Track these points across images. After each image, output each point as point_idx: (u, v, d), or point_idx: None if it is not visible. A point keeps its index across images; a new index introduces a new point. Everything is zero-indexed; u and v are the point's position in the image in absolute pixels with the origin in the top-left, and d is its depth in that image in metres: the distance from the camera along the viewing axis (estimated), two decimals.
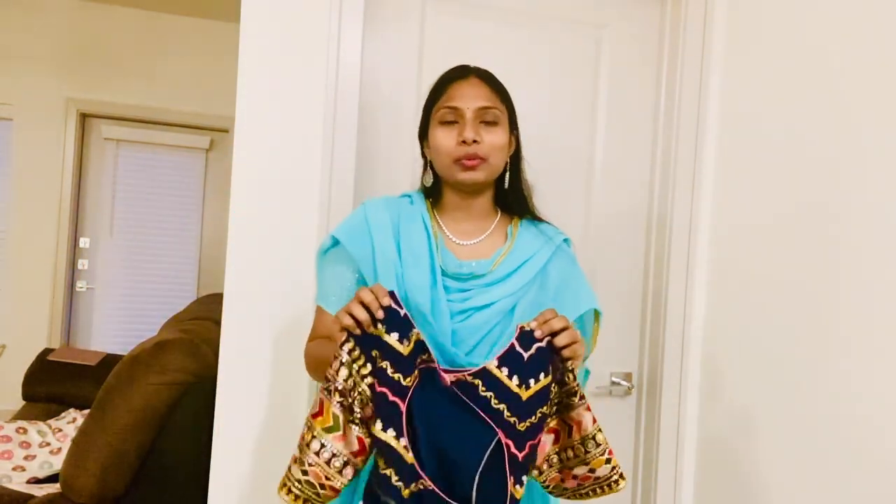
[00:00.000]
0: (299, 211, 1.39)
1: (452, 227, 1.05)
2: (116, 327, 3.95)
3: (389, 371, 0.78)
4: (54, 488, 1.57)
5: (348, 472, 0.80)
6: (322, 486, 0.79)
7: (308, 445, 0.79)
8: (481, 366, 0.81)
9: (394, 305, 0.80)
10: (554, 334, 0.82)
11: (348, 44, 1.41)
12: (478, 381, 0.80)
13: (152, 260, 3.98)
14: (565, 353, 0.82)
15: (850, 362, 1.18)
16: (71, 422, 2.36)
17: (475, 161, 0.97)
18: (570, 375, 0.83)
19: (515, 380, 0.80)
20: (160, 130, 3.95)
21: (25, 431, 2.18)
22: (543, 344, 0.81)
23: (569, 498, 0.88)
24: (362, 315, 0.78)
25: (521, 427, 0.79)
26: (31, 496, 1.54)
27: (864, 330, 1.16)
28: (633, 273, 1.68)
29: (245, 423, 1.37)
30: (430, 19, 1.52)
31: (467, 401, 0.80)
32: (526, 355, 0.81)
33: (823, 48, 1.28)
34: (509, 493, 0.78)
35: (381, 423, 0.77)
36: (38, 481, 2.00)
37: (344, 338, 0.80)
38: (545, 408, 0.81)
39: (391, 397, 0.77)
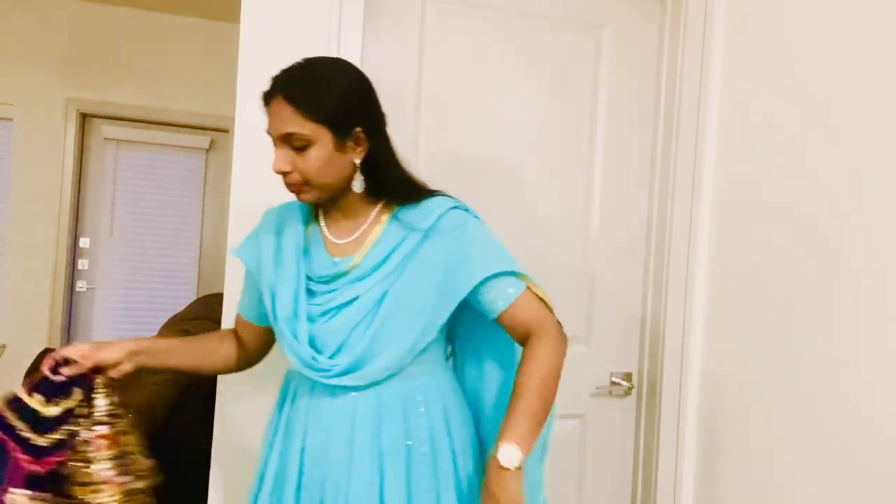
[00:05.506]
0: None
1: (333, 227, 1.04)
2: (116, 327, 3.94)
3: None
4: None
5: None
6: None
7: None
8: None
9: (51, 376, 0.90)
10: None
11: (348, 44, 1.41)
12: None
13: (152, 260, 3.97)
14: None
15: (851, 361, 1.18)
16: None
17: (296, 188, 0.96)
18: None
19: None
20: (160, 130, 3.94)
21: None
22: None
23: None
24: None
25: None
26: None
27: (864, 331, 1.15)
28: (633, 273, 1.68)
29: (245, 423, 1.37)
30: (430, 19, 1.52)
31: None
32: None
33: (824, 48, 1.28)
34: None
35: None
36: None
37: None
38: None
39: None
